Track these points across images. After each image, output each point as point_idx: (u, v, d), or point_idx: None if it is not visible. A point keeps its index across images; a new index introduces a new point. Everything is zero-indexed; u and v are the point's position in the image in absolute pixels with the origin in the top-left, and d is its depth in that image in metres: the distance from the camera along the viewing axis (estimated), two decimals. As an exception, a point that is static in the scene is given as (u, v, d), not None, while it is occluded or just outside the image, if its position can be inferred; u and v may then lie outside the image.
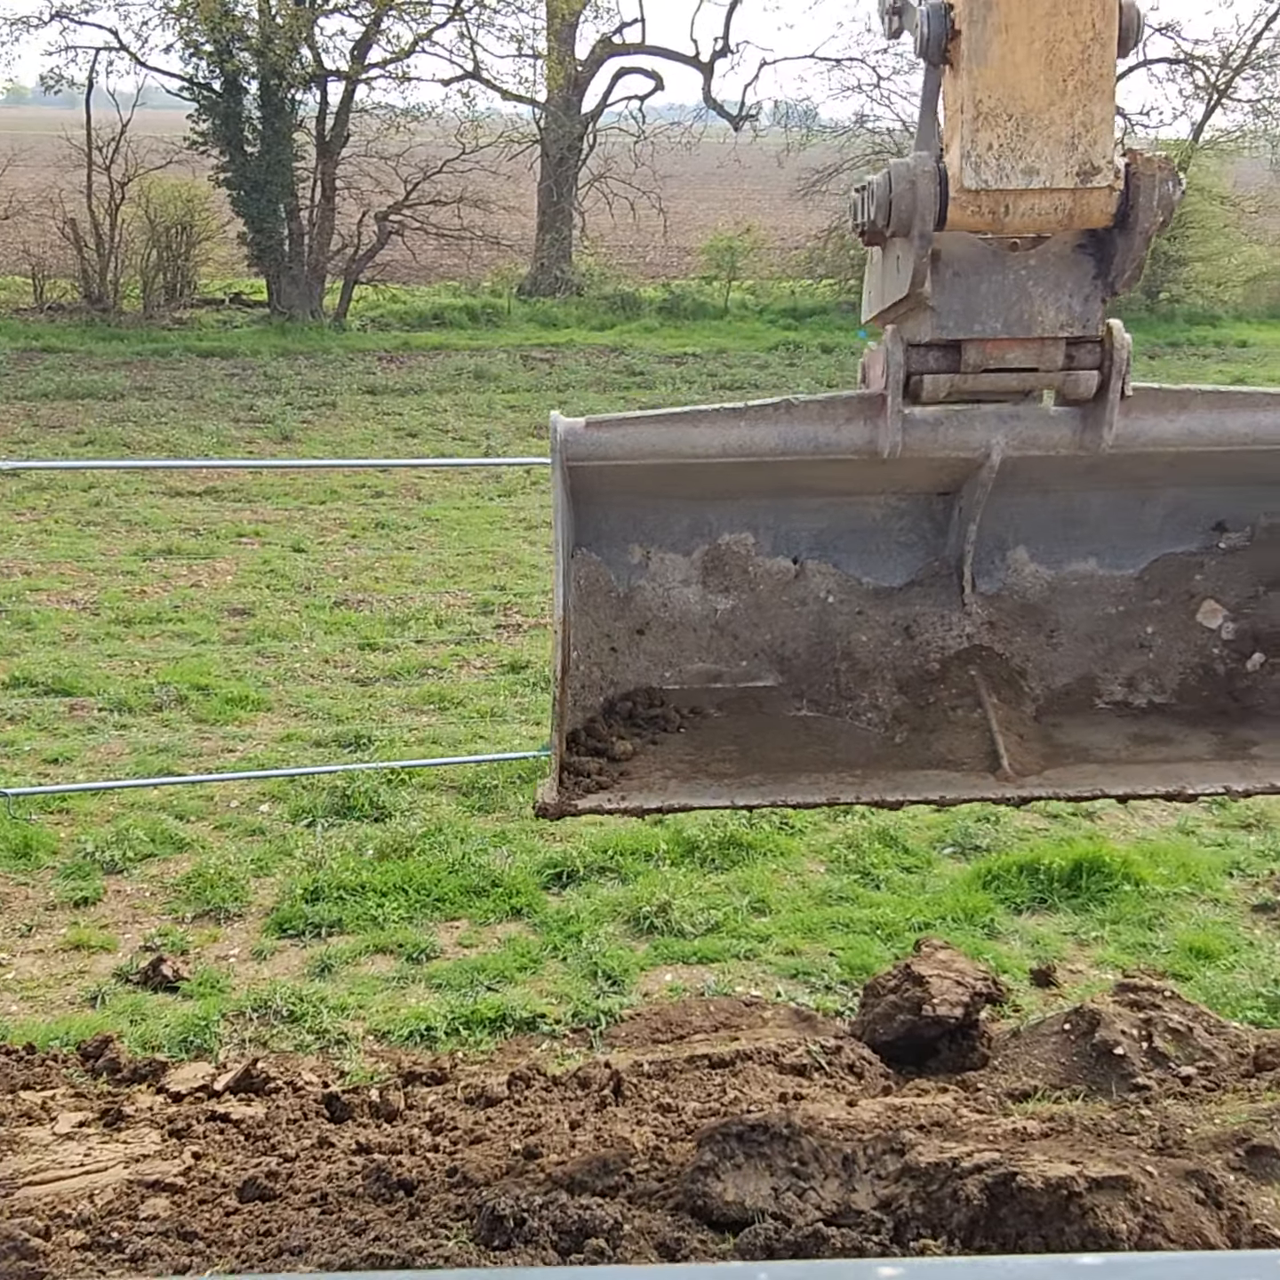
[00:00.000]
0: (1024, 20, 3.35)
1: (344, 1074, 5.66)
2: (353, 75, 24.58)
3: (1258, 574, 4.40)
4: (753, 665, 4.34)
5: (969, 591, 4.29)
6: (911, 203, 3.42)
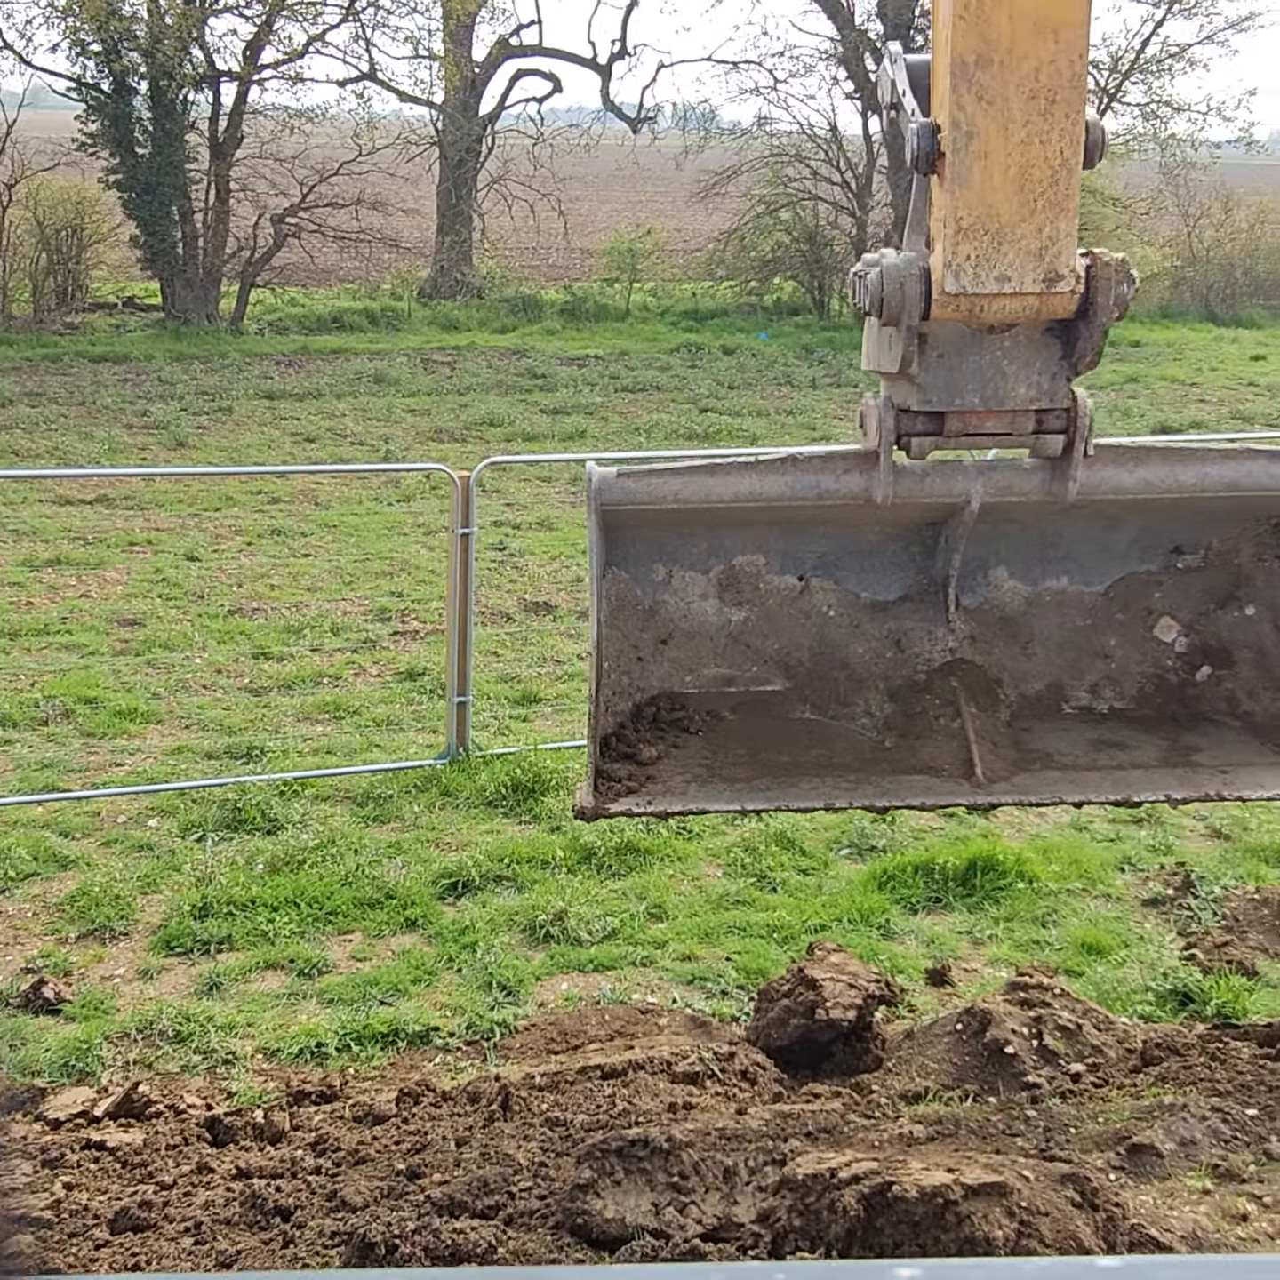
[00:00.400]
0: (1001, 149, 3.85)
1: (231, 1095, 5.55)
2: (245, 76, 24.26)
3: (1210, 593, 4.86)
4: (763, 671, 4.82)
5: (953, 610, 4.77)
6: (900, 301, 3.98)
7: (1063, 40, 3.84)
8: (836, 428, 18.89)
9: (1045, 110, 3.86)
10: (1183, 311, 30.32)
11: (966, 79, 3.86)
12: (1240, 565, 4.85)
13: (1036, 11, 3.81)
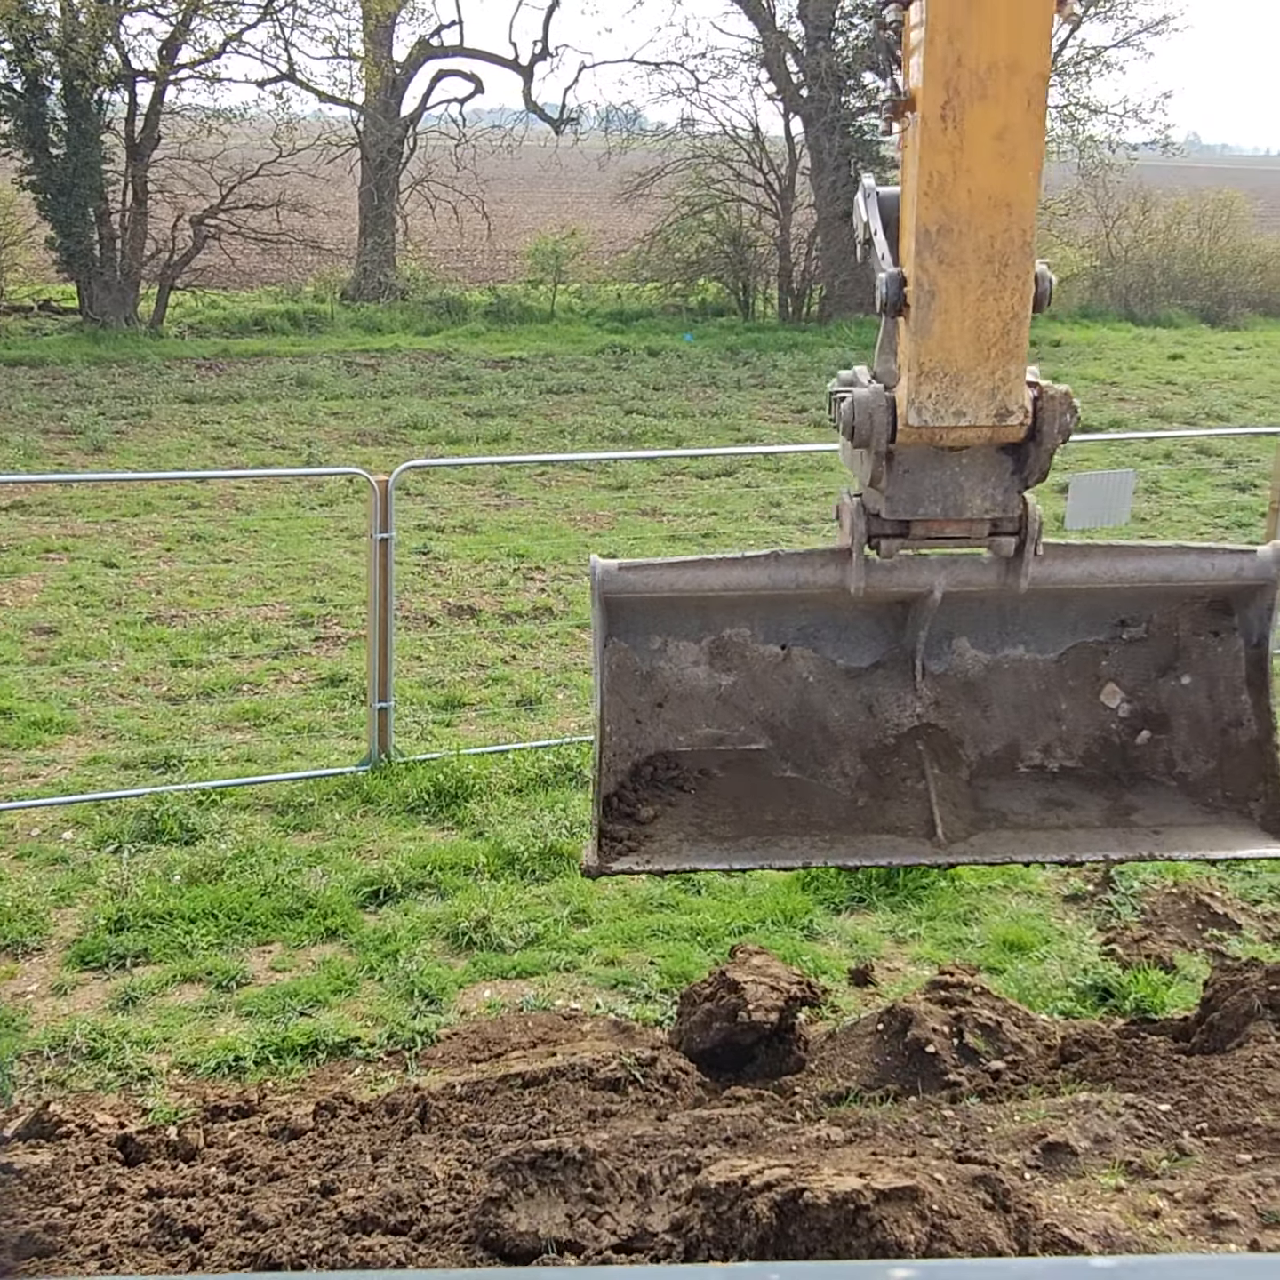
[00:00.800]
0: (958, 305, 4.37)
1: (146, 1112, 5.45)
2: (161, 76, 23.95)
3: (1151, 663, 5.37)
4: (749, 730, 5.28)
5: (920, 679, 5.26)
6: (869, 430, 4.51)
7: (1015, 213, 4.33)
8: (761, 428, 18.94)
9: (999, 272, 4.36)
10: (1102, 311, 30.69)
11: (930, 245, 4.36)
12: (1179, 638, 5.34)
13: (992, 188, 4.30)
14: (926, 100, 4.29)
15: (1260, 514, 13.22)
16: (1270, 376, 24.43)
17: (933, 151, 4.30)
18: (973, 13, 4.18)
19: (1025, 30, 4.22)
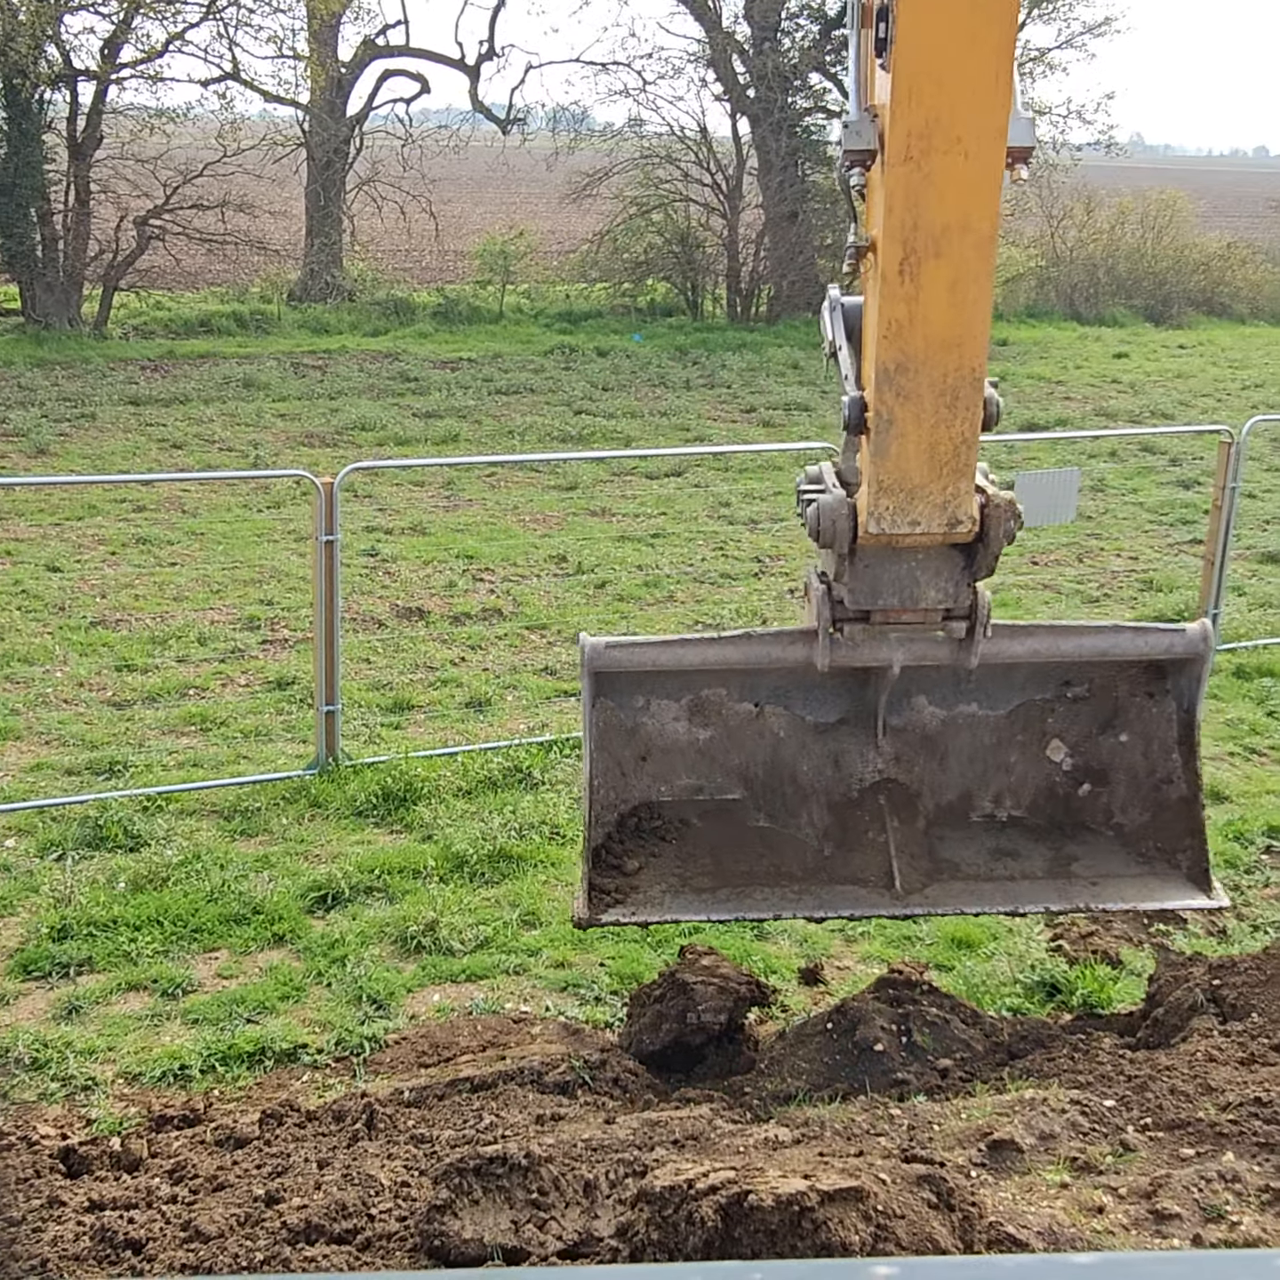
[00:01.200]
0: (914, 432, 4.84)
1: (90, 1122, 5.39)
2: (103, 75, 23.69)
3: (1093, 720, 5.83)
4: (725, 781, 5.73)
5: (882, 735, 5.72)
6: (833, 535, 5.04)
7: (965, 352, 4.77)
8: (710, 428, 18.96)
9: (950, 404, 4.81)
10: (1048, 311, 30.92)
11: (888, 381, 4.81)
12: (1118, 698, 5.80)
13: (945, 333, 4.75)
14: (886, 258, 4.72)
15: (1203, 511, 13.34)
16: (1213, 375, 24.68)
17: (892, 301, 4.74)
18: (928, 184, 4.61)
19: (976, 198, 4.63)
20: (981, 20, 4.47)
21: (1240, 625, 11.33)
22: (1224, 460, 10.48)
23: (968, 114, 4.55)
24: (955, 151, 4.58)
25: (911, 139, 4.59)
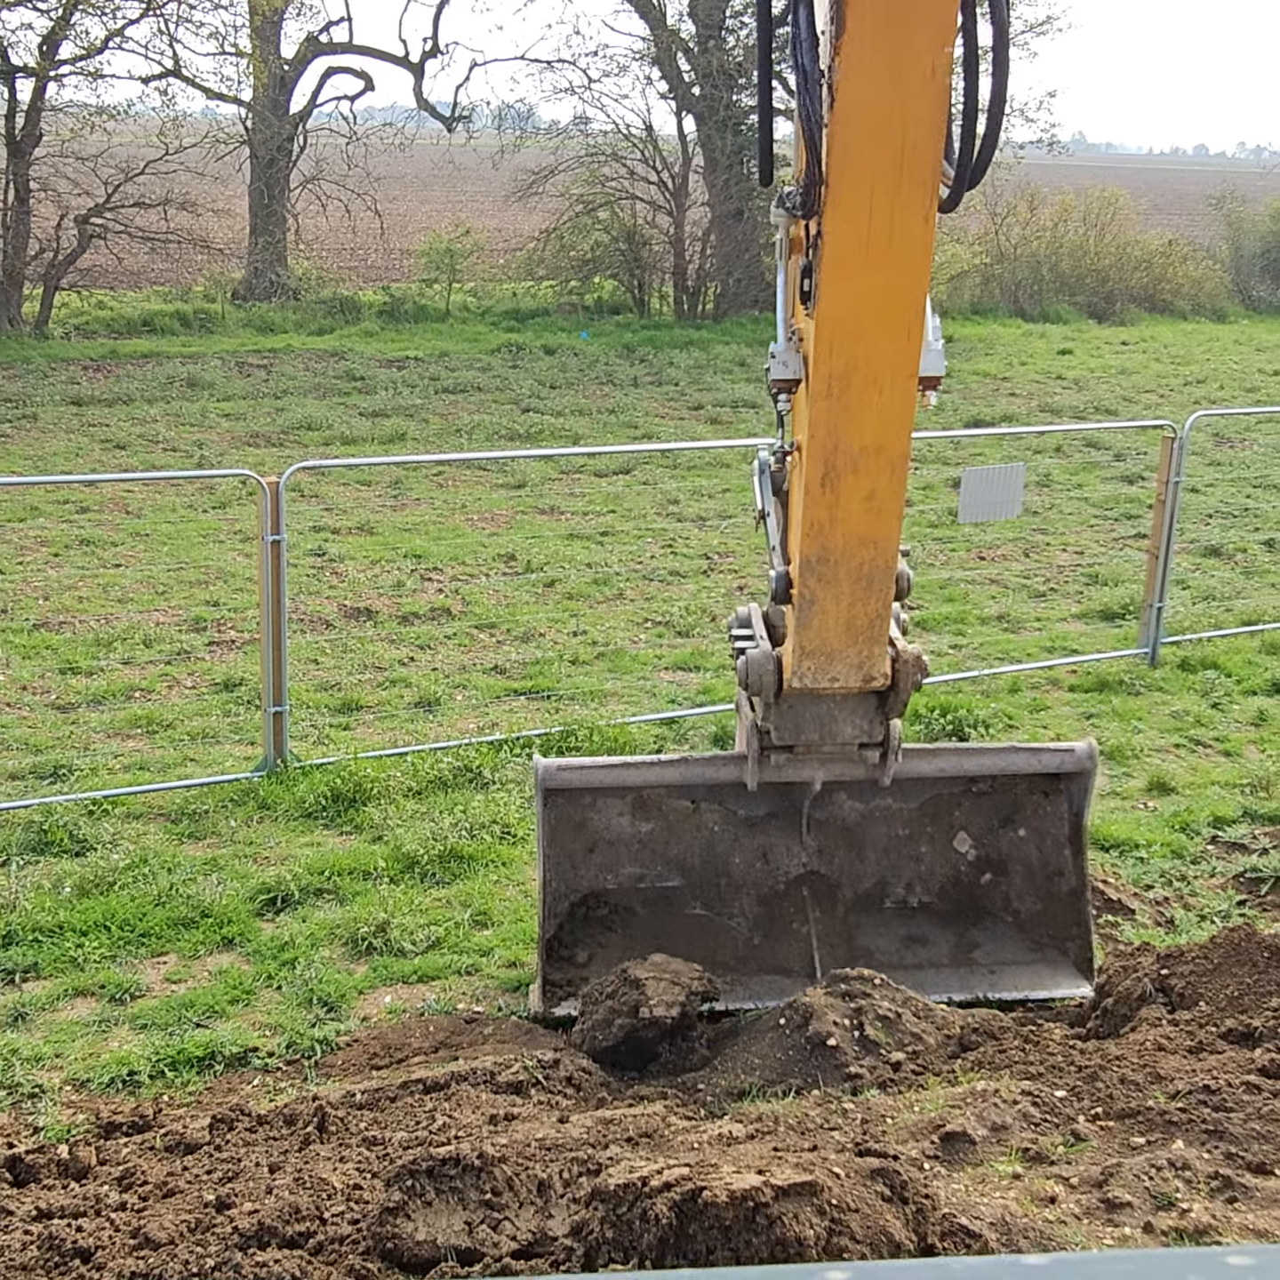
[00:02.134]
0: (833, 610, 5.49)
1: (37, 1130, 5.33)
2: (42, 72, 23.41)
3: (995, 814, 6.52)
4: (665, 870, 6.34)
5: (806, 831, 6.37)
6: (760, 685, 5.75)
7: (880, 548, 5.38)
8: (658, 426, 18.96)
9: (866, 588, 5.44)
10: (992, 307, 31.11)
11: (811, 570, 5.41)
12: (1017, 795, 6.50)
13: (861, 533, 5.34)
14: (809, 473, 5.28)
15: (1147, 506, 13.46)
16: (1156, 371, 24.91)
17: (814, 507, 5.31)
18: (847, 415, 5.17)
19: (889, 425, 5.20)
20: (896, 284, 5.00)
21: (1184, 618, 11.44)
22: (1167, 455, 10.57)
23: (882, 360, 5.09)
24: (871, 389, 5.12)
25: (832, 380, 5.12)
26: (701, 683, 10.07)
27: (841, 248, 4.96)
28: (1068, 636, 11.24)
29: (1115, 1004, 5.36)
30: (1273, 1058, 4.16)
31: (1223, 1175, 3.47)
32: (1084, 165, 73.72)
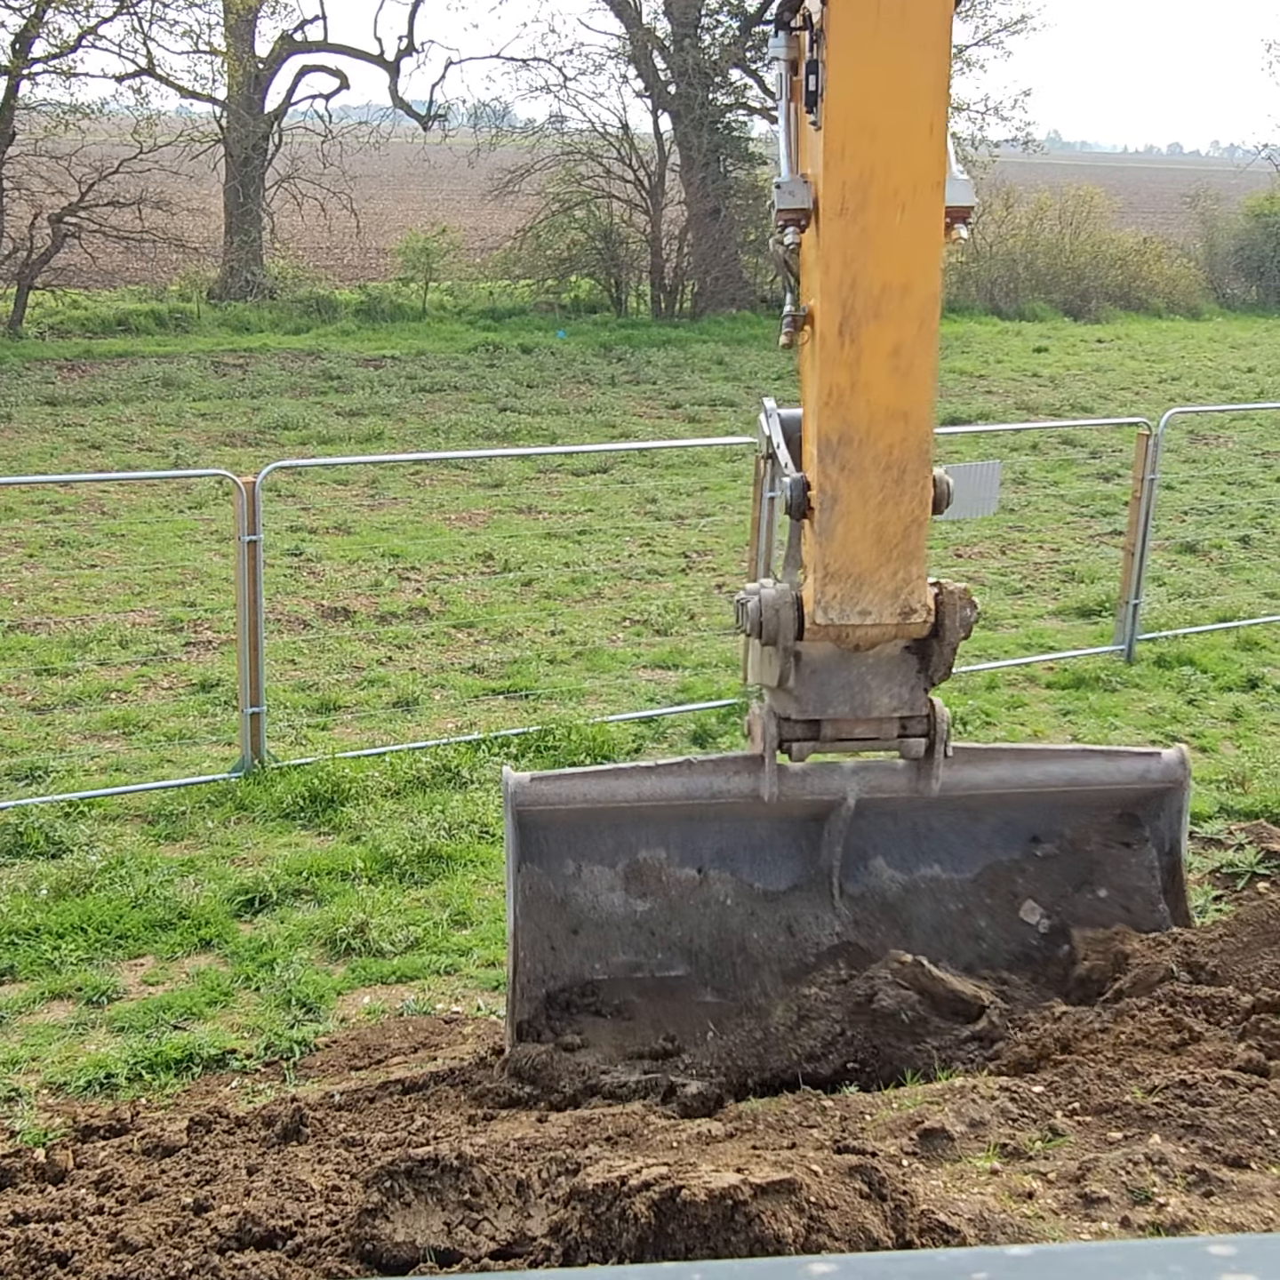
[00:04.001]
0: (860, 510, 4.57)
1: (14, 1134, 5.31)
2: (14, 70, 23.30)
3: (1067, 878, 5.41)
4: (667, 957, 5.20)
5: (838, 898, 5.25)
6: (776, 626, 4.68)
7: (911, 423, 4.56)
8: (636, 424, 18.96)
9: (897, 479, 4.58)
10: (969, 305, 31.19)
11: (831, 454, 4.57)
12: (1091, 852, 5.40)
13: (889, 401, 4.53)
14: (824, 319, 4.52)
15: (1123, 503, 13.51)
16: (1131, 368, 25.02)
17: (832, 367, 4.52)
18: (865, 240, 4.43)
19: (915, 255, 4.47)
20: (914, 67, 4.39)
21: (1160, 615, 11.49)
22: (1142, 452, 10.62)
23: (903, 165, 4.43)
24: (892, 205, 4.44)
25: (846, 192, 4.43)
26: (680, 681, 10.07)
27: (850, 22, 4.34)
28: (1044, 633, 11.28)
29: (1132, 986, 5.18)
30: (1252, 1055, 4.17)
31: (1199, 1169, 3.48)
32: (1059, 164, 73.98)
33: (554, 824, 5.10)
